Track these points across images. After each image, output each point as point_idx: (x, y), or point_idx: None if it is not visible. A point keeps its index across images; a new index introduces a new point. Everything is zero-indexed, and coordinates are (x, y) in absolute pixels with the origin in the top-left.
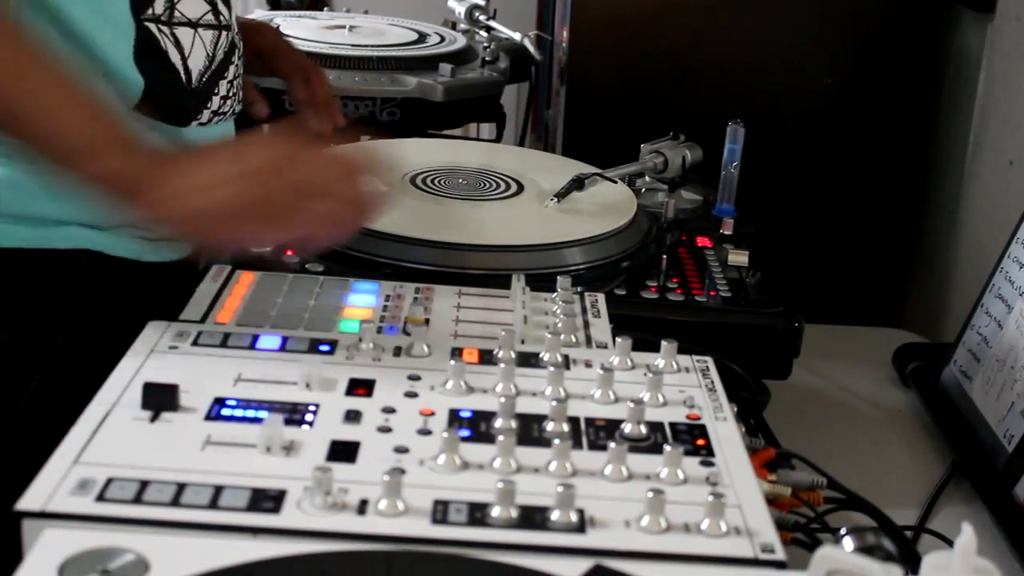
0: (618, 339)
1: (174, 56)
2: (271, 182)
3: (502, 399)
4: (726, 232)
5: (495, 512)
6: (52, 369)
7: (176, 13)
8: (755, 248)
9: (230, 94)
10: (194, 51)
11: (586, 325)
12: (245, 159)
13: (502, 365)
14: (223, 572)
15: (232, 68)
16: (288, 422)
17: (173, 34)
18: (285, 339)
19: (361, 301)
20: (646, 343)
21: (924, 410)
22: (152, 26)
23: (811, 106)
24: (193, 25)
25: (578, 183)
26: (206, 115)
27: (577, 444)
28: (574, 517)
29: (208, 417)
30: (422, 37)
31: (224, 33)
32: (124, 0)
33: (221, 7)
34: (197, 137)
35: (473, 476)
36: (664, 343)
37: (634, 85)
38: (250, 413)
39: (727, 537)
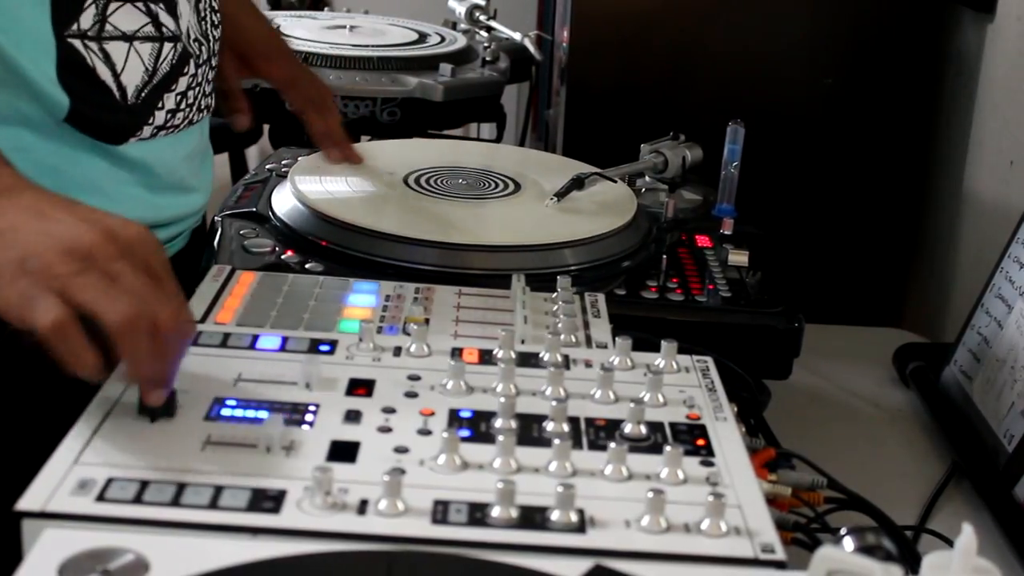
0: (618, 339)
1: (103, 73)
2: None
3: (502, 399)
4: (726, 232)
5: (495, 512)
6: (51, 369)
7: (107, 27)
8: (755, 248)
9: (181, 107)
10: (128, 66)
11: (586, 325)
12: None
13: (502, 365)
14: (223, 572)
15: (184, 79)
16: (288, 422)
17: (102, 49)
18: (285, 339)
19: (361, 301)
20: (646, 343)
21: (924, 410)
22: (77, 42)
23: (811, 106)
24: (128, 39)
25: (578, 183)
26: (147, 131)
27: (577, 444)
28: (574, 517)
29: (208, 417)
30: (422, 37)
31: (169, 45)
32: (45, 15)
33: (164, 18)
34: (138, 153)
35: (473, 476)
36: (664, 343)
37: (634, 85)
38: (250, 413)
39: (727, 537)
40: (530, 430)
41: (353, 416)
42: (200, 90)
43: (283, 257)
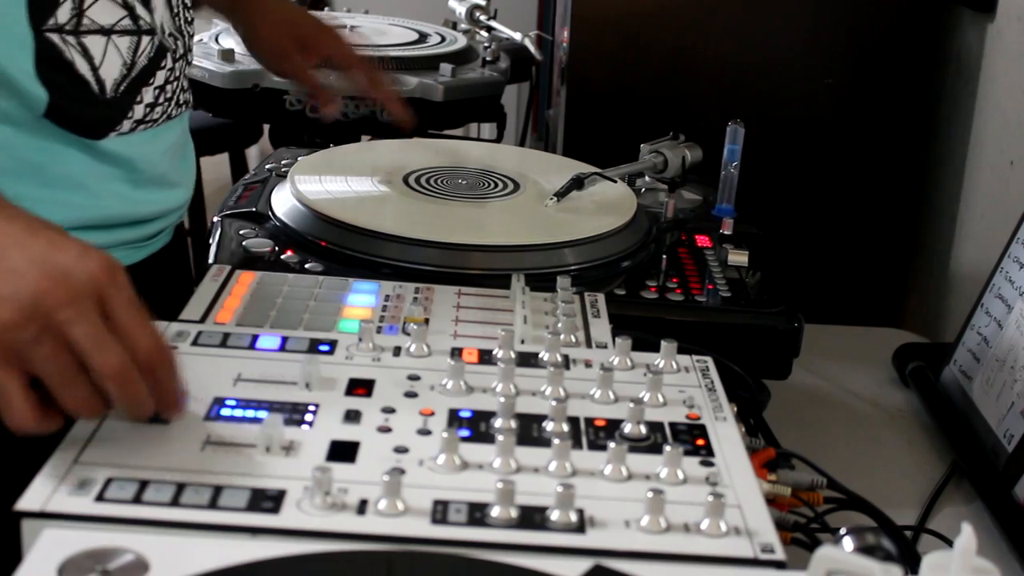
0: (618, 339)
1: (82, 66)
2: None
3: (502, 399)
4: (726, 232)
5: (495, 512)
6: None
7: (85, 21)
8: (755, 248)
9: (159, 101)
10: (107, 60)
11: (586, 325)
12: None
13: (502, 365)
14: (223, 572)
15: (161, 73)
16: (288, 422)
17: (80, 43)
18: (285, 339)
19: (361, 301)
20: (646, 343)
21: (924, 410)
22: (54, 36)
23: (811, 106)
24: (106, 32)
25: (578, 183)
26: (127, 124)
27: (577, 444)
28: (574, 517)
29: (208, 417)
30: (423, 37)
31: (146, 38)
32: (21, 10)
33: (141, 11)
34: (118, 148)
35: (473, 476)
36: (664, 343)
37: (634, 85)
38: (250, 413)
39: (727, 537)
40: (530, 430)
41: (353, 416)
42: (178, 84)
43: (283, 257)
